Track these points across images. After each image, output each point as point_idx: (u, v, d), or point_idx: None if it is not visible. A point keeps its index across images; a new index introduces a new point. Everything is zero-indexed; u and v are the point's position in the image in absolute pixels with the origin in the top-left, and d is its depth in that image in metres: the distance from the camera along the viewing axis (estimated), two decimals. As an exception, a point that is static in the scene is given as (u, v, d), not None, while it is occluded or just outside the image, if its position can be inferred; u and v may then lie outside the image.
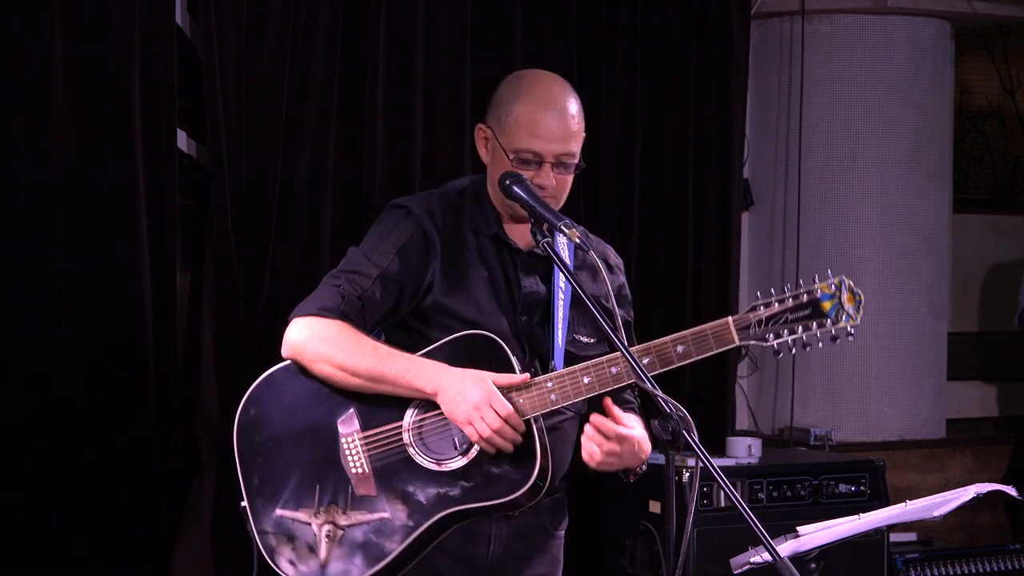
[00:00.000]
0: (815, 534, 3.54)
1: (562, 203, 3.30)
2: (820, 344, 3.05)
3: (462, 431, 3.15)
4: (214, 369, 5.00)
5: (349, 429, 3.22)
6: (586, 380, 3.16)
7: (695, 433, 3.04)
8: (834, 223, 6.22)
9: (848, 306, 3.03)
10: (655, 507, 4.97)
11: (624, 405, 3.30)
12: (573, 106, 3.34)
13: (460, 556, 3.28)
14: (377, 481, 3.20)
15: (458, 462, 3.18)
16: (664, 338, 3.14)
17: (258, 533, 3.21)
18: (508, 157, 3.24)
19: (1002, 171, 7.43)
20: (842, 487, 5.29)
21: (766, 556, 2.93)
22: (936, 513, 3.62)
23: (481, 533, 3.28)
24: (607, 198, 5.74)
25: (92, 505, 4.78)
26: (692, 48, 5.95)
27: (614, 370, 3.15)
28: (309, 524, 3.21)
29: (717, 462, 3.15)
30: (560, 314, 3.31)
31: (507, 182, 3.25)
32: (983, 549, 5.76)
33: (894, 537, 5.63)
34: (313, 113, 5.15)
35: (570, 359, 3.28)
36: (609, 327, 3.11)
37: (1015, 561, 5.73)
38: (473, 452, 3.17)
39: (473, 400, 3.12)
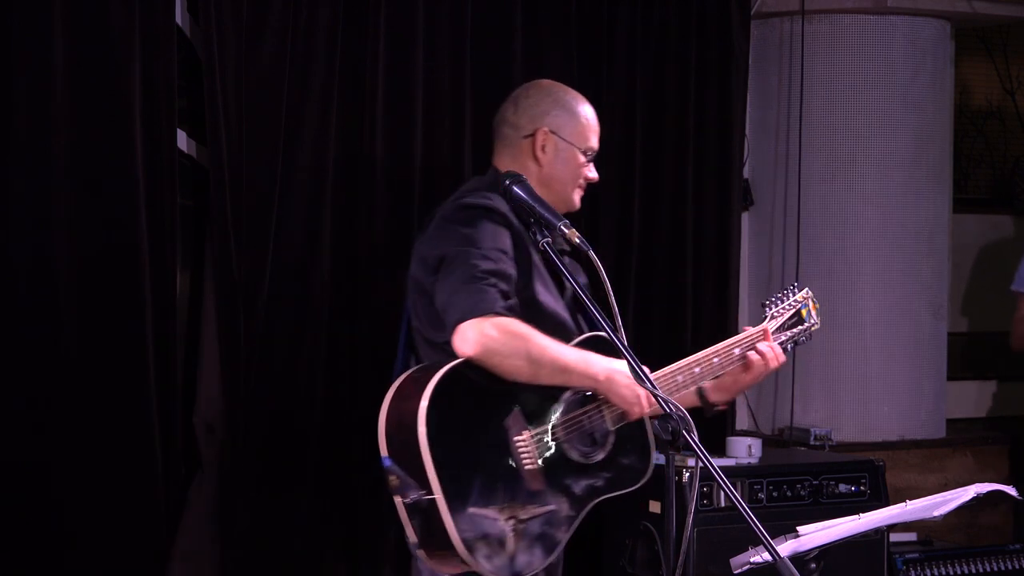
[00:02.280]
0: (815, 534, 3.54)
1: None
2: (802, 342, 3.92)
3: (603, 426, 3.52)
4: (214, 369, 4.99)
5: (519, 428, 3.46)
6: (679, 379, 3.67)
7: (695, 433, 3.07)
8: (834, 223, 6.22)
9: (814, 312, 3.93)
10: (655, 507, 4.97)
11: None
12: None
13: None
14: (544, 476, 3.46)
15: (600, 455, 3.55)
16: (703, 352, 3.73)
17: (457, 532, 3.33)
18: (582, 155, 3.73)
19: (1002, 171, 7.42)
20: (842, 487, 5.29)
21: (766, 556, 2.94)
22: (936, 513, 3.62)
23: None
24: (607, 198, 5.74)
25: (92, 505, 4.78)
26: (692, 48, 5.95)
27: (697, 369, 3.71)
28: (497, 520, 3.39)
29: (717, 462, 3.18)
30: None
31: (507, 182, 3.27)
32: (983, 549, 5.76)
33: (894, 537, 5.63)
34: (313, 113, 5.15)
35: None
36: (609, 327, 3.13)
37: (1015, 561, 5.73)
38: (609, 445, 3.55)
39: (635, 383, 3.45)
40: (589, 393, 3.55)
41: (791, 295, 3.93)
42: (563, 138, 3.73)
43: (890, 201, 6.23)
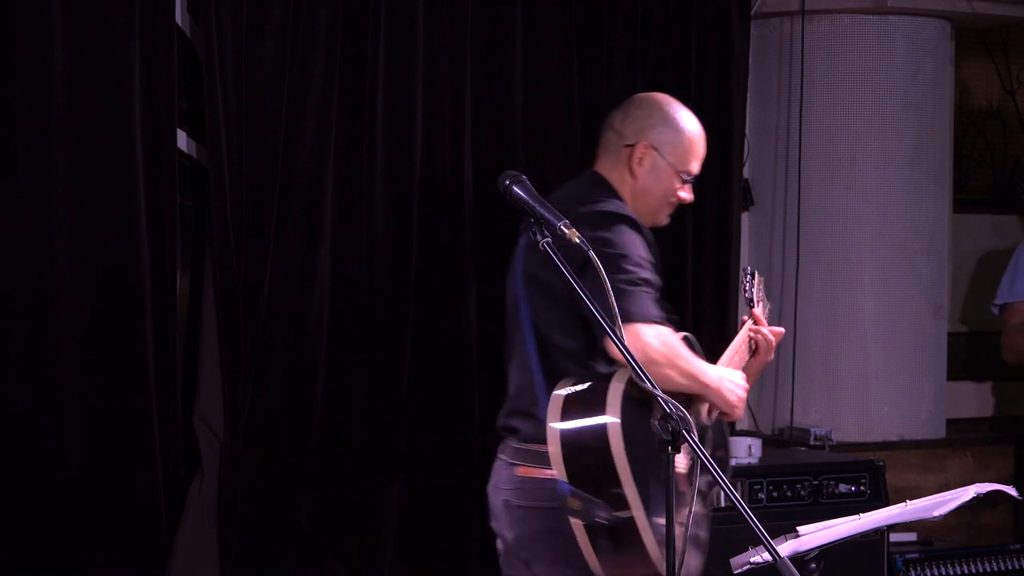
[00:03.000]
0: (815, 534, 3.54)
1: None
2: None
3: (700, 422, 3.65)
4: (214, 369, 4.99)
5: None
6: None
7: (695, 433, 3.07)
8: (834, 223, 6.22)
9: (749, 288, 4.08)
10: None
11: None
12: None
13: None
14: (687, 478, 3.58)
15: (708, 450, 3.60)
16: (733, 347, 3.87)
17: (656, 546, 3.37)
18: (679, 176, 3.83)
19: (1002, 171, 7.42)
20: (842, 487, 5.29)
21: (766, 556, 2.94)
22: (936, 513, 3.62)
23: None
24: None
25: (92, 505, 4.78)
26: (692, 48, 5.95)
27: (737, 358, 3.90)
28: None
29: (717, 462, 3.18)
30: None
31: (507, 182, 3.28)
32: (983, 549, 5.76)
33: (894, 537, 5.63)
34: (313, 113, 5.15)
35: None
36: (609, 326, 3.13)
37: (1015, 561, 5.73)
38: (708, 441, 3.69)
39: (741, 386, 3.73)
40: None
41: (750, 282, 4.08)
42: (663, 156, 3.80)
43: (890, 201, 6.23)
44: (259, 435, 5.07)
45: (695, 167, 3.87)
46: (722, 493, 4.16)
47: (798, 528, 3.58)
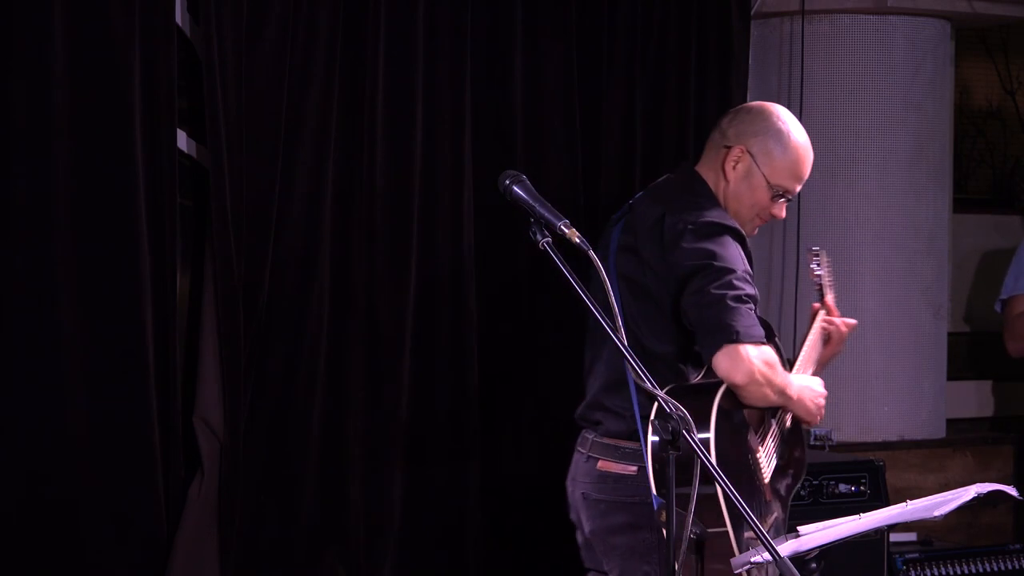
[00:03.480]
0: (815, 534, 3.53)
1: None
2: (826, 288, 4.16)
3: (784, 428, 3.79)
4: (214, 369, 4.99)
5: (753, 446, 3.65)
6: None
7: (695, 433, 3.06)
8: (834, 223, 6.22)
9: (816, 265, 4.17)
10: (655, 507, 4.96)
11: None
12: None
13: None
14: (771, 487, 3.69)
15: (787, 455, 3.82)
16: (810, 341, 3.98)
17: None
18: (770, 188, 3.78)
19: (1002, 171, 7.42)
20: (842, 487, 5.29)
21: (766, 556, 2.94)
22: (936, 513, 3.62)
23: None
24: (608, 198, 5.74)
25: (92, 505, 4.78)
26: (692, 48, 5.94)
27: (812, 353, 3.98)
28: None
29: (718, 462, 3.18)
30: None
31: (507, 182, 3.28)
32: (983, 549, 5.76)
33: (894, 537, 5.63)
34: (313, 113, 5.15)
35: None
36: (609, 327, 3.13)
37: (1015, 561, 5.73)
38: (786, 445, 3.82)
39: (821, 394, 3.80)
40: None
41: (817, 262, 4.17)
42: (758, 165, 3.77)
43: (890, 201, 6.23)
44: (259, 435, 5.07)
45: (791, 185, 3.81)
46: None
47: (798, 528, 3.57)
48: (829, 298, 4.07)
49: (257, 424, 5.06)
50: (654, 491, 3.45)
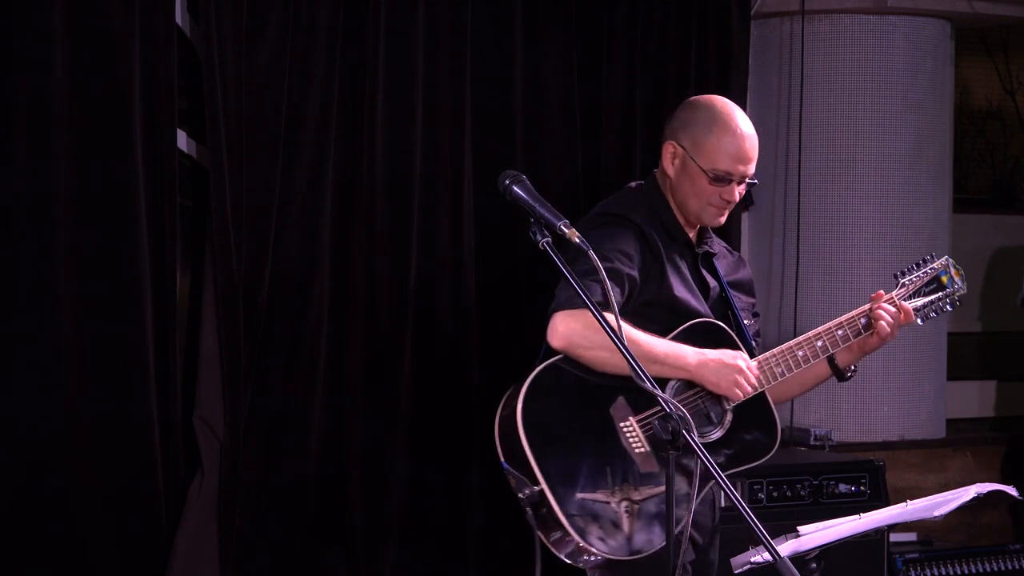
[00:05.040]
0: (815, 534, 3.53)
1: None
2: (947, 309, 4.03)
3: (718, 405, 3.68)
4: (214, 369, 4.99)
5: (624, 415, 3.61)
6: (800, 354, 3.77)
7: (695, 433, 3.07)
8: (834, 223, 6.22)
9: (957, 277, 4.03)
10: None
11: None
12: (754, 133, 3.90)
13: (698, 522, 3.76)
14: (656, 458, 3.58)
15: (717, 433, 3.69)
16: (828, 323, 3.83)
17: (565, 516, 3.50)
18: (706, 175, 3.77)
19: (1002, 171, 7.42)
20: (842, 487, 5.29)
21: (766, 556, 2.94)
22: (936, 513, 3.62)
23: (708, 499, 3.80)
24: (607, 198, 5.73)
25: (92, 505, 4.78)
26: (692, 48, 5.94)
27: (820, 343, 3.81)
28: (608, 503, 3.54)
29: (717, 462, 3.18)
30: (736, 303, 3.86)
31: (507, 182, 3.29)
32: (983, 549, 5.76)
33: (894, 537, 5.63)
34: (313, 113, 5.15)
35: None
36: (609, 327, 3.14)
37: (1015, 561, 5.73)
38: (727, 423, 3.69)
39: (736, 369, 3.64)
40: None
41: (928, 263, 4.03)
42: (690, 155, 3.79)
43: (890, 201, 6.23)
44: (259, 435, 5.07)
45: (731, 167, 3.80)
46: (722, 492, 4.16)
47: (798, 528, 3.57)
48: (898, 294, 3.99)
49: (257, 424, 5.06)
50: (501, 458, 3.58)
